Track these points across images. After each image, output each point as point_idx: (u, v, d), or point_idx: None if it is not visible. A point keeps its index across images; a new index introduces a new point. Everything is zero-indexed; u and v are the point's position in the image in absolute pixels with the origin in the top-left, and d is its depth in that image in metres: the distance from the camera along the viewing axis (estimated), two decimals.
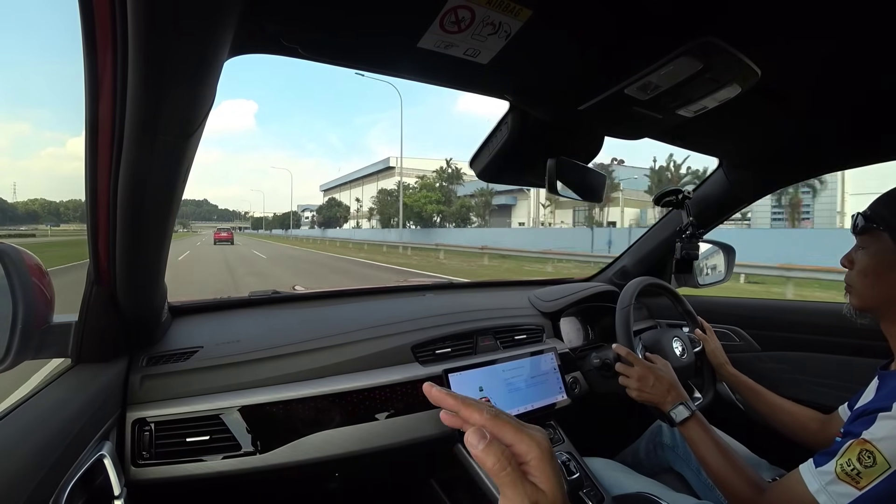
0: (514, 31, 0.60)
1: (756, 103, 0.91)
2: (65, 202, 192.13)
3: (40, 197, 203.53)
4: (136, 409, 0.87)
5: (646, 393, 1.01)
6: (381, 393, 1.03)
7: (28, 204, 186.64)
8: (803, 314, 1.46)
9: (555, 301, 1.48)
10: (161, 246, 0.76)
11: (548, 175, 0.92)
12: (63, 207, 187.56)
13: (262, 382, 0.96)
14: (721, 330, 1.53)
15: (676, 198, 1.29)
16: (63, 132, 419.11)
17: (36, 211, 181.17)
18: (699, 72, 0.66)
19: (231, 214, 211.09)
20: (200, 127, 0.58)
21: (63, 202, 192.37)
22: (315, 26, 0.59)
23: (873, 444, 0.65)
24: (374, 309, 1.36)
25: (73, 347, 0.79)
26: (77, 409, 0.69)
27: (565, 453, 1.11)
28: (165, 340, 1.00)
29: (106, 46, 0.46)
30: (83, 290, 0.77)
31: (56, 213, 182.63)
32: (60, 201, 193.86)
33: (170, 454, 0.86)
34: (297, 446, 0.93)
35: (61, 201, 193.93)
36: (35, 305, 0.68)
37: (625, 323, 1.14)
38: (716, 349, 1.27)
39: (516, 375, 1.19)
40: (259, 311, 1.26)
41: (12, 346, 0.65)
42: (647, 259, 1.70)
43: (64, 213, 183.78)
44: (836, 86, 0.87)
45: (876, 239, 0.80)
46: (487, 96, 0.85)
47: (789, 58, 0.75)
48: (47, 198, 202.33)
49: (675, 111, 0.80)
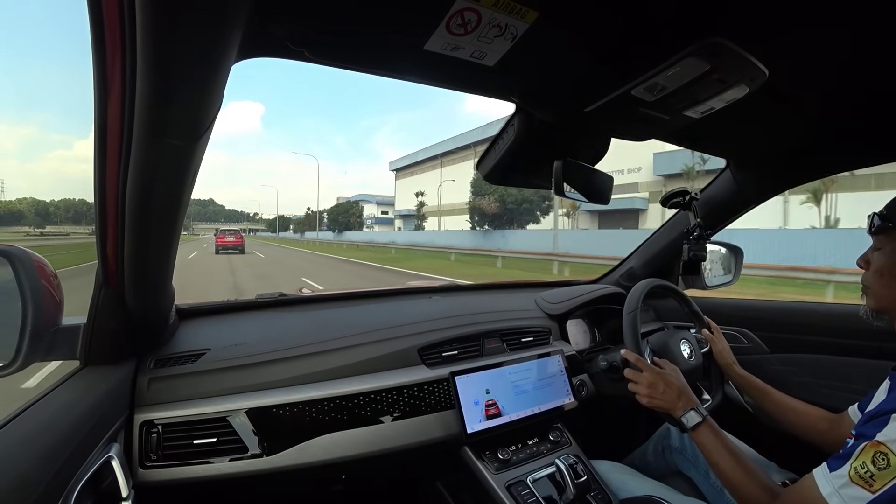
0: (520, 33, 0.60)
1: (764, 103, 0.91)
2: (56, 202, 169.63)
3: (29, 196, 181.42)
4: (143, 411, 0.87)
5: (656, 399, 1.00)
6: (387, 395, 1.03)
7: (13, 204, 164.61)
8: (813, 316, 1.44)
9: (562, 303, 1.48)
10: (169, 248, 0.76)
11: (554, 177, 0.91)
12: (53, 207, 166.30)
13: (269, 385, 0.96)
14: (729, 332, 1.51)
15: (684, 199, 1.29)
16: (70, 135, 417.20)
17: (21, 211, 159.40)
18: (706, 72, 0.66)
19: (239, 215, 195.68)
20: (208, 131, 0.58)
21: (54, 202, 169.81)
22: (322, 30, 0.59)
23: (887, 445, 0.64)
24: (380, 311, 1.36)
25: (82, 349, 0.79)
26: (85, 411, 0.70)
27: (572, 456, 1.10)
28: (173, 343, 1.01)
29: (115, 51, 0.46)
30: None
31: (44, 214, 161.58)
32: (51, 201, 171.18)
33: (177, 456, 0.87)
34: (303, 449, 0.94)
35: (52, 201, 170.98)
36: (44, 308, 0.68)
37: (632, 327, 1.13)
38: (723, 350, 1.26)
39: (523, 378, 1.19)
40: (266, 314, 1.27)
41: (22, 348, 0.66)
42: (654, 261, 1.69)
43: (54, 214, 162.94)
44: (845, 85, 0.86)
45: (892, 238, 0.79)
46: (494, 98, 0.85)
47: (797, 57, 0.75)
48: (38, 197, 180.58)
49: (682, 112, 0.80)
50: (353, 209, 57.86)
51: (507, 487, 1.03)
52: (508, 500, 1.01)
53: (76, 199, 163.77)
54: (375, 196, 71.45)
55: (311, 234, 66.91)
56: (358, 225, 56.56)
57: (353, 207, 58.48)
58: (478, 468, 1.06)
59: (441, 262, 18.77)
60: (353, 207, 58.48)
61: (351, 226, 55.22)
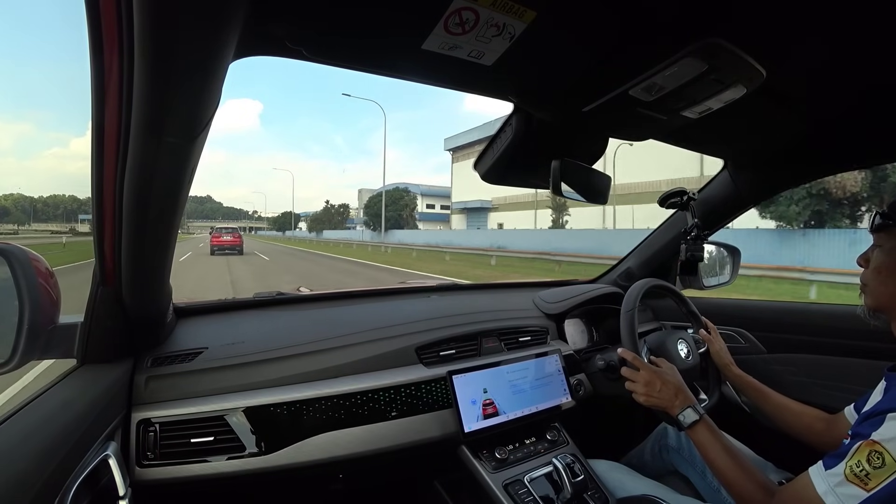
0: (518, 32, 0.60)
1: (761, 104, 0.91)
2: (44, 198, 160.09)
3: (17, 192, 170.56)
4: (141, 410, 0.87)
5: (653, 398, 1.01)
6: (385, 394, 1.03)
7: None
8: (810, 316, 1.45)
9: (559, 303, 1.48)
10: (166, 247, 0.76)
11: (552, 177, 0.92)
12: (41, 204, 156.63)
13: (266, 383, 0.96)
14: (726, 332, 1.52)
15: (681, 199, 1.29)
16: (67, 133, 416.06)
17: (7, 208, 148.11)
18: (704, 73, 0.66)
19: (238, 213, 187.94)
20: (206, 129, 0.58)
21: (42, 198, 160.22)
22: (320, 29, 0.59)
23: (882, 444, 0.65)
24: (378, 310, 1.36)
25: (79, 348, 0.80)
26: (82, 409, 0.70)
27: (569, 455, 1.11)
28: (170, 341, 1.01)
29: (112, 49, 0.46)
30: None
31: (30, 212, 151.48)
32: (39, 197, 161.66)
33: (174, 455, 0.87)
34: (301, 447, 0.94)
35: (39, 197, 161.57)
36: (41, 306, 0.68)
37: (629, 326, 1.14)
38: (721, 350, 1.26)
39: (521, 377, 1.19)
40: (264, 313, 1.27)
41: (18, 346, 0.66)
42: (651, 261, 1.70)
43: (42, 211, 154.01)
44: (842, 85, 0.86)
45: (892, 236, 0.79)
46: (492, 98, 0.85)
47: (794, 58, 0.75)
48: (25, 193, 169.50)
49: (679, 112, 0.80)
50: (404, 198, 40.11)
51: (504, 486, 1.03)
52: (506, 499, 1.01)
53: (66, 196, 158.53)
54: (419, 185, 50.05)
55: (331, 233, 53.36)
56: (412, 221, 40.83)
57: (405, 196, 40.70)
58: (475, 467, 1.06)
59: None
60: (405, 196, 40.70)
61: (403, 222, 39.44)
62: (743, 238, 12.35)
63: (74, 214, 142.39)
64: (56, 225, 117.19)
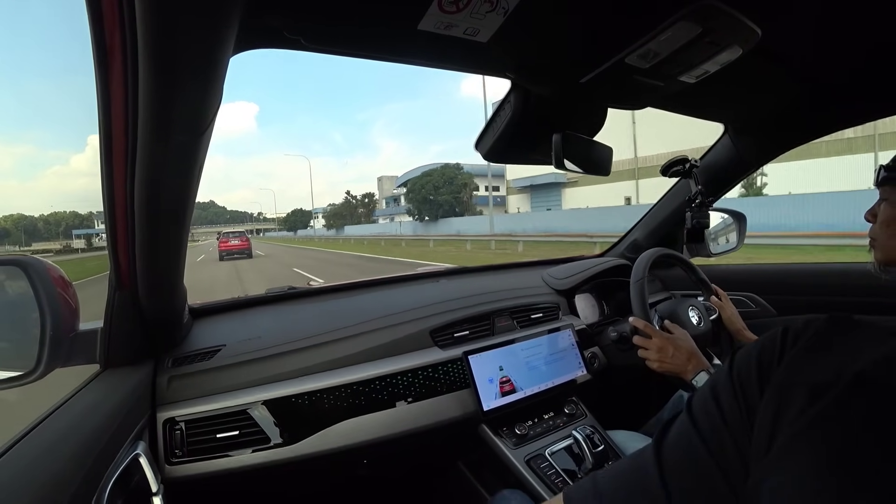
0: (511, 7, 0.60)
1: (758, 65, 0.90)
2: (45, 216, 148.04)
3: (17, 213, 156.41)
4: (165, 409, 0.89)
5: (666, 363, 1.01)
6: (403, 378, 1.04)
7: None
8: (819, 276, 1.45)
9: (568, 278, 1.49)
10: (179, 246, 0.77)
11: (554, 151, 0.92)
12: (42, 222, 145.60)
13: (285, 376, 0.98)
14: (737, 297, 1.52)
15: (684, 167, 1.28)
16: (66, 150, 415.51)
17: (8, 229, 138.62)
18: (698, 36, 0.66)
19: (242, 216, 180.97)
20: (211, 124, 0.59)
21: (44, 216, 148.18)
22: (316, 16, 0.60)
23: None
24: (389, 298, 1.38)
25: (101, 353, 0.81)
26: (109, 411, 0.71)
27: (589, 427, 1.12)
28: (188, 341, 1.02)
29: (116, 54, 0.47)
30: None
31: (31, 231, 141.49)
32: (40, 215, 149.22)
33: (202, 451, 0.89)
34: (324, 436, 0.95)
35: (41, 215, 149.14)
36: (61, 315, 0.69)
37: (640, 295, 1.14)
38: (732, 315, 1.27)
39: (535, 354, 1.20)
40: (277, 308, 1.28)
41: (43, 356, 0.67)
42: (657, 231, 1.69)
43: (44, 231, 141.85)
44: (839, 44, 0.85)
45: None
46: (489, 76, 0.85)
47: (790, 16, 0.74)
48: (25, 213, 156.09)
49: (676, 78, 0.79)
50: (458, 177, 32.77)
51: (526, 461, 1.05)
52: (529, 473, 1.02)
53: (67, 213, 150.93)
54: (463, 165, 37.47)
55: (354, 228, 46.04)
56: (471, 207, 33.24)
57: (458, 174, 33.24)
58: (496, 445, 1.08)
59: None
60: (458, 174, 33.24)
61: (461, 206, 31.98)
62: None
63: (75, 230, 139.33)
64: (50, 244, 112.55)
